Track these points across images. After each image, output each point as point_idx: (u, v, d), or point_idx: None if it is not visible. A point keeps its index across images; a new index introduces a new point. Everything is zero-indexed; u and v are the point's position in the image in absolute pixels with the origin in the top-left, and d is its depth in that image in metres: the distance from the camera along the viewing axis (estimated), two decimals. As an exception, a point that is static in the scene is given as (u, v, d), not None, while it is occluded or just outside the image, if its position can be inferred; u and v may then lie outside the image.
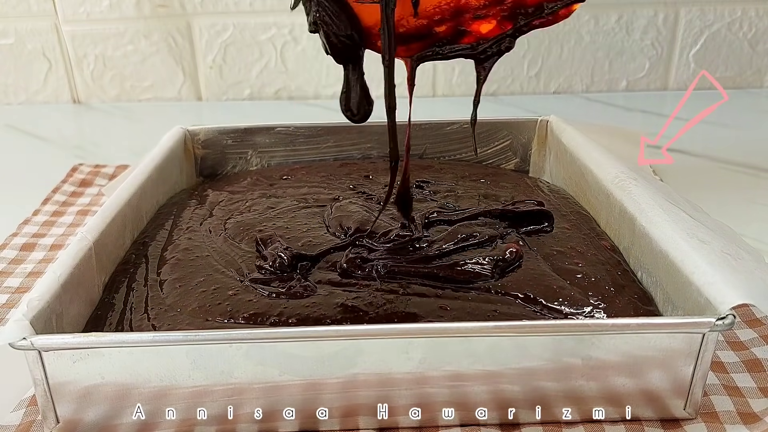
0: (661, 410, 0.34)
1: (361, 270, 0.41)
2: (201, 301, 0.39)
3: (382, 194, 0.53)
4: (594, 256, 0.43)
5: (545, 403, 0.34)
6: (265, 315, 0.37)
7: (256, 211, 0.51)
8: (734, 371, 0.38)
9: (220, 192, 0.56)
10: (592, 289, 0.39)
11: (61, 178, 0.67)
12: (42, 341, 0.31)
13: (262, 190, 0.55)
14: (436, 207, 0.50)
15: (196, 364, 0.32)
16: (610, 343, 0.33)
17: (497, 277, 0.40)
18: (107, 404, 0.33)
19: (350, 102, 0.41)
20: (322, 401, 0.34)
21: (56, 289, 0.35)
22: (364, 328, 0.34)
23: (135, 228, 0.48)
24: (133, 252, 0.46)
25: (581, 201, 0.52)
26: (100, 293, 0.40)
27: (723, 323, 0.31)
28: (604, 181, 0.48)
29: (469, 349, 0.33)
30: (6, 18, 0.93)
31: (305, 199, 0.53)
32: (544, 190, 0.56)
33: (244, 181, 0.58)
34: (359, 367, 0.33)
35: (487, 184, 0.56)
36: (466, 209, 0.49)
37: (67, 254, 0.38)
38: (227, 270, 0.42)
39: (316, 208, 0.51)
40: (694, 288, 0.34)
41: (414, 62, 0.40)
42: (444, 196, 0.53)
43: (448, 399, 0.34)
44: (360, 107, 0.41)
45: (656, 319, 0.36)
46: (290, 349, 0.32)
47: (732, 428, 0.34)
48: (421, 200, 0.52)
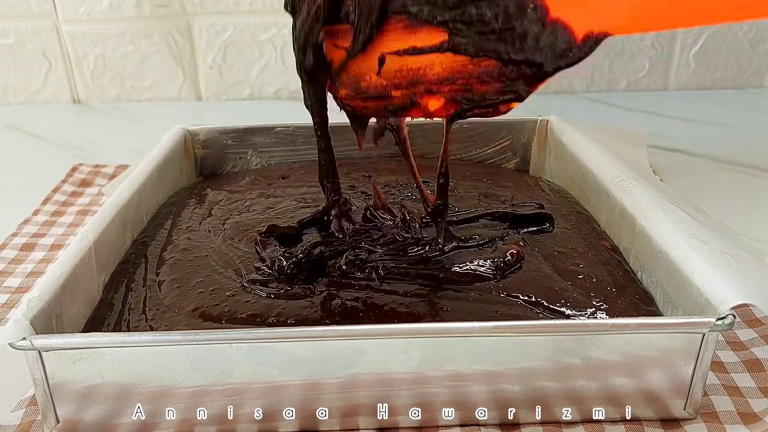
0: (661, 410, 0.34)
1: (360, 271, 0.41)
2: (199, 302, 0.39)
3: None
4: (595, 256, 0.43)
5: (545, 403, 0.34)
6: (263, 316, 0.37)
7: (255, 211, 0.51)
8: (734, 371, 0.38)
9: (219, 191, 0.56)
10: (594, 290, 0.39)
11: (61, 178, 0.67)
12: (42, 341, 0.31)
13: (261, 190, 0.55)
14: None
15: (196, 364, 0.32)
16: (610, 343, 0.33)
17: (498, 279, 0.40)
18: (107, 404, 0.33)
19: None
20: (322, 401, 0.34)
21: (56, 289, 0.35)
22: (364, 328, 0.34)
23: (135, 228, 0.48)
24: (132, 252, 0.46)
25: (581, 201, 0.52)
26: (100, 293, 0.40)
27: (723, 323, 0.31)
28: (604, 181, 0.48)
29: (468, 349, 0.33)
30: (6, 18, 0.93)
31: (304, 198, 0.53)
32: (545, 189, 0.56)
33: (243, 180, 0.58)
34: (359, 367, 0.33)
35: (488, 184, 0.56)
36: (467, 210, 0.49)
37: (67, 254, 0.38)
38: (225, 271, 0.42)
39: (315, 208, 0.51)
40: (694, 288, 0.34)
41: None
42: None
43: (448, 399, 0.34)
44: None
45: (656, 319, 0.36)
46: (290, 349, 0.32)
47: (732, 428, 0.34)
48: (421, 200, 0.52)
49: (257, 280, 0.40)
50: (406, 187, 0.55)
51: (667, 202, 0.43)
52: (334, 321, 0.36)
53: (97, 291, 0.40)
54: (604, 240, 0.46)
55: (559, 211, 0.50)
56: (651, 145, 0.69)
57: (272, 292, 0.39)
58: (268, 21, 0.93)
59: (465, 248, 0.43)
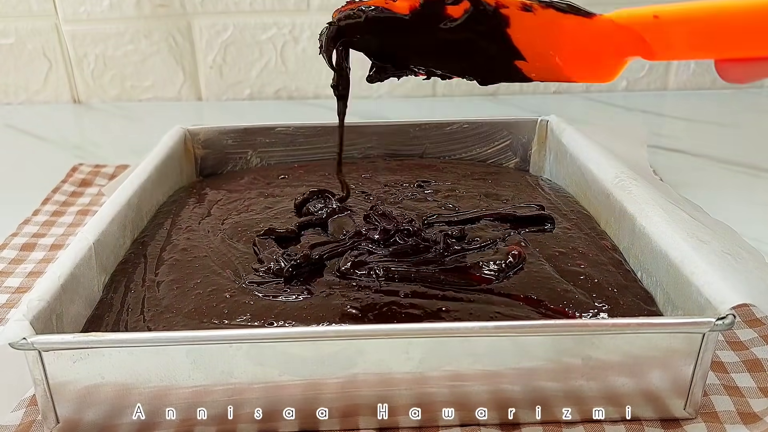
0: (661, 410, 0.34)
1: (360, 272, 0.40)
2: (197, 303, 0.39)
3: (382, 194, 0.53)
4: (596, 256, 0.43)
5: (545, 403, 0.34)
6: (261, 318, 0.37)
7: (253, 211, 0.51)
8: (734, 371, 0.38)
9: (219, 191, 0.56)
10: (595, 291, 0.39)
11: (61, 178, 0.67)
12: (42, 341, 0.31)
13: (260, 189, 0.55)
14: (436, 207, 0.50)
15: (196, 364, 0.32)
16: (610, 343, 0.33)
17: (501, 280, 0.40)
18: (107, 404, 0.33)
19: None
20: (322, 401, 0.34)
21: (56, 290, 0.35)
22: (364, 328, 0.34)
23: (135, 228, 0.48)
24: (132, 251, 0.46)
25: (581, 200, 0.52)
26: (100, 293, 0.40)
27: (723, 323, 0.31)
28: (604, 181, 0.48)
29: (468, 349, 0.33)
30: (6, 18, 0.93)
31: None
32: (545, 188, 0.56)
33: (242, 179, 0.58)
34: (359, 368, 0.33)
35: (489, 183, 0.56)
36: (467, 211, 0.49)
37: (67, 255, 0.38)
38: (224, 271, 0.42)
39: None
40: (694, 288, 0.34)
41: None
42: (445, 196, 0.53)
43: (448, 399, 0.34)
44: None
45: (656, 319, 0.36)
46: (290, 349, 0.32)
47: (732, 428, 0.34)
48: (422, 200, 0.52)
49: (256, 281, 0.40)
50: (407, 188, 0.55)
51: (667, 202, 0.43)
52: (333, 321, 0.36)
53: (97, 291, 0.40)
54: (605, 240, 0.46)
55: (560, 210, 0.50)
56: (651, 145, 0.69)
57: (270, 293, 0.39)
58: (268, 21, 0.93)
59: (466, 249, 0.43)
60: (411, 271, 0.40)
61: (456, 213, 0.49)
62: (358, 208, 0.49)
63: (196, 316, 0.38)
